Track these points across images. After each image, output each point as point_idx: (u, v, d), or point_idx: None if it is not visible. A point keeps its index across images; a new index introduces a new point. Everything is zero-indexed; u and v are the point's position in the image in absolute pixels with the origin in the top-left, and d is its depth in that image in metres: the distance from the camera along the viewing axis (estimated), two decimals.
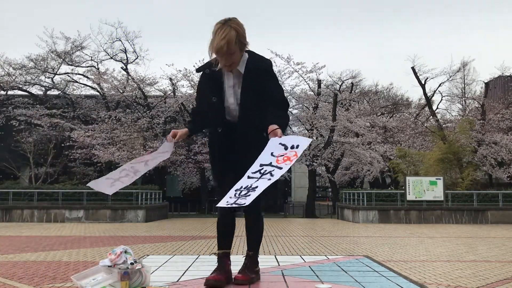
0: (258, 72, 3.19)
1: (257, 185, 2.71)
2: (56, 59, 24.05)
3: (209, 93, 3.27)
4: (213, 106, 3.25)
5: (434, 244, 8.51)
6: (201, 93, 3.40)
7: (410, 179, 17.94)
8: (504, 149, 22.42)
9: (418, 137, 26.72)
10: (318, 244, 8.14)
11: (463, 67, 28.18)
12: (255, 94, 3.17)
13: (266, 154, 2.85)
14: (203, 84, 3.35)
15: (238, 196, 2.72)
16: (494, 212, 17.16)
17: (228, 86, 3.24)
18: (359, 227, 14.07)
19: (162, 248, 7.39)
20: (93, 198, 18.00)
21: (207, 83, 3.29)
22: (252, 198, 2.68)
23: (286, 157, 2.80)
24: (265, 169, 2.79)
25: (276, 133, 2.96)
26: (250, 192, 2.70)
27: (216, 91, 3.24)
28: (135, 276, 2.85)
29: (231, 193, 2.74)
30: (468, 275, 4.65)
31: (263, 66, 3.24)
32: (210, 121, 3.32)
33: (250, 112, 3.18)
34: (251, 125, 3.18)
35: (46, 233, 10.91)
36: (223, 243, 3.36)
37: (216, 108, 3.24)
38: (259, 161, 2.85)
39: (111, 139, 21.65)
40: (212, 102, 3.24)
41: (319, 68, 22.49)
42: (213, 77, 3.25)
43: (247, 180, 2.78)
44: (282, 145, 2.86)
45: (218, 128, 3.26)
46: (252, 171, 2.81)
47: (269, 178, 2.75)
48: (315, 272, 4.14)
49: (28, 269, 4.89)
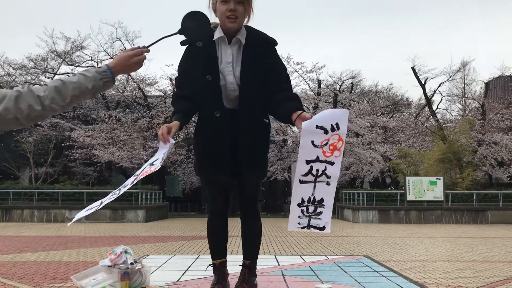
0: (261, 47, 2.74)
1: (321, 197, 2.45)
2: (56, 59, 24.05)
3: (201, 71, 2.72)
4: (208, 87, 2.72)
5: (434, 244, 8.50)
6: (188, 73, 2.78)
7: (410, 179, 17.94)
8: (504, 149, 22.43)
9: (418, 137, 26.73)
10: (318, 244, 8.14)
11: (463, 67, 28.20)
12: (258, 71, 2.71)
13: (307, 146, 2.41)
14: (192, 60, 2.74)
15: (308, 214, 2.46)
16: (494, 212, 17.16)
17: (226, 62, 2.73)
18: (359, 227, 14.07)
19: (162, 248, 7.39)
20: (93, 198, 18.00)
21: (198, 59, 2.71)
22: (328, 217, 2.45)
23: (331, 145, 2.40)
24: (316, 168, 2.42)
25: (305, 116, 2.48)
26: (319, 208, 2.44)
27: (211, 69, 2.71)
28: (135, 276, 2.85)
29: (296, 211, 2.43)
30: (468, 275, 4.64)
31: (267, 40, 2.79)
32: (203, 105, 2.78)
33: (253, 93, 2.73)
34: (253, 108, 2.75)
35: (46, 233, 10.91)
36: (219, 251, 2.97)
37: (212, 88, 2.72)
38: (303, 157, 2.43)
39: (111, 139, 21.65)
40: (206, 81, 2.71)
41: (319, 68, 22.52)
42: (206, 51, 2.70)
43: (301, 186, 2.45)
44: (320, 128, 2.40)
45: (216, 113, 2.72)
46: (302, 173, 2.44)
47: (327, 183, 2.44)
48: (315, 272, 4.13)
49: (28, 269, 4.89)
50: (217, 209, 2.95)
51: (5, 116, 1.71)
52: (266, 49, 2.76)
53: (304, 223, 2.53)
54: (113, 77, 1.93)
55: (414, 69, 24.34)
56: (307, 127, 2.40)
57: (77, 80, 1.83)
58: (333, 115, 2.46)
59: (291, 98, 2.68)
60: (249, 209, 2.97)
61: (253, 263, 2.97)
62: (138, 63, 2.02)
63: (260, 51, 2.73)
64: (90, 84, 1.85)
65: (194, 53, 2.72)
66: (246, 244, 2.99)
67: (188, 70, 2.77)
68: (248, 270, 2.94)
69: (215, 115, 2.72)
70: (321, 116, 2.45)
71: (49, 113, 1.80)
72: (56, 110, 1.80)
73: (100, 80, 1.88)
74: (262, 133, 2.83)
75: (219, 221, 2.97)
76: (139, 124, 21.90)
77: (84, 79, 1.84)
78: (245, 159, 2.74)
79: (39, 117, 1.78)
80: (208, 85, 2.71)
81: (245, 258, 2.98)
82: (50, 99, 1.76)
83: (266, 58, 2.74)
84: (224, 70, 2.73)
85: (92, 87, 1.85)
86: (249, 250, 2.98)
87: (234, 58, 2.73)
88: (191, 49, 2.74)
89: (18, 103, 1.72)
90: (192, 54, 2.74)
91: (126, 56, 1.99)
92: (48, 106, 1.76)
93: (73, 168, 23.94)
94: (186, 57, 2.80)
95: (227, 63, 2.73)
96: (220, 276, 2.92)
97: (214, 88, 2.72)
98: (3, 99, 1.72)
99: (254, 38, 2.73)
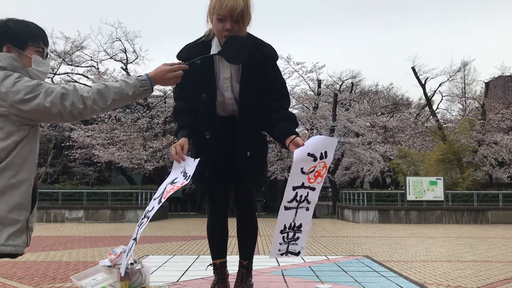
0: (261, 60, 2.65)
1: (300, 223, 2.54)
2: (56, 59, 24.03)
3: (197, 88, 2.66)
4: (202, 105, 2.67)
5: (434, 244, 8.50)
6: (185, 87, 2.68)
7: (410, 179, 17.94)
8: (505, 149, 22.44)
9: (418, 137, 26.73)
10: (318, 244, 8.13)
11: (463, 67, 28.20)
12: (257, 85, 2.65)
13: (297, 173, 2.44)
14: (188, 76, 2.53)
15: (288, 240, 2.54)
16: (494, 212, 17.16)
17: (224, 78, 2.67)
18: (359, 227, 14.06)
19: (162, 248, 7.38)
20: (93, 198, 18.02)
21: (194, 75, 2.61)
22: (303, 241, 2.53)
23: (317, 172, 2.46)
24: (300, 194, 2.49)
25: (298, 142, 2.45)
26: (297, 233, 2.54)
27: (207, 85, 2.65)
28: (135, 276, 2.84)
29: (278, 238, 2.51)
30: (468, 275, 4.64)
31: (267, 53, 2.70)
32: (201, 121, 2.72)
33: (252, 108, 2.67)
34: (251, 122, 2.69)
35: (46, 233, 10.91)
36: (219, 251, 2.95)
37: (205, 106, 2.67)
38: (291, 184, 2.47)
39: (111, 139, 21.65)
40: (201, 99, 2.66)
41: (319, 68, 22.51)
42: (203, 66, 2.62)
43: (285, 213, 2.50)
44: (311, 156, 2.43)
45: (206, 134, 2.68)
46: (288, 199, 2.49)
47: (307, 208, 2.52)
48: (315, 272, 4.13)
49: (28, 269, 4.89)
50: (217, 210, 2.93)
51: (51, 110, 1.85)
52: (265, 63, 2.69)
53: (283, 250, 2.60)
54: (152, 86, 2.06)
55: (414, 69, 24.34)
56: (300, 155, 2.41)
57: (119, 86, 1.97)
58: (324, 143, 2.48)
59: (286, 119, 2.63)
60: (245, 210, 2.94)
61: (250, 262, 2.96)
62: (174, 78, 2.16)
63: (259, 65, 2.65)
64: (130, 91, 1.98)
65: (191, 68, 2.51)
66: (243, 244, 2.97)
67: (184, 84, 2.60)
68: (246, 270, 2.92)
69: (205, 136, 2.68)
70: (313, 143, 2.46)
71: (90, 112, 1.92)
72: (97, 111, 1.93)
73: (140, 88, 2.01)
74: (260, 145, 2.80)
75: (219, 221, 2.94)
76: (139, 124, 21.90)
77: (126, 85, 1.98)
78: (243, 171, 2.70)
79: (81, 115, 1.91)
80: (202, 104, 2.67)
81: (242, 258, 2.96)
82: (92, 100, 1.90)
83: (265, 73, 2.68)
84: (222, 85, 2.68)
85: (132, 93, 1.99)
86: (246, 250, 2.96)
87: (232, 74, 2.67)
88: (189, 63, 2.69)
89: (63, 99, 1.86)
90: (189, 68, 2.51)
91: (164, 69, 2.12)
92: (90, 106, 1.90)
93: (73, 168, 23.95)
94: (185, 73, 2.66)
95: (224, 79, 2.67)
96: (220, 276, 2.90)
97: (208, 107, 2.67)
98: (51, 93, 1.85)
99: (253, 51, 2.60)
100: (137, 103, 23.41)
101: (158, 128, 22.01)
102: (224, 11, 2.44)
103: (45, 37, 2.06)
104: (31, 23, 2.05)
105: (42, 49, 2.03)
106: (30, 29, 2.01)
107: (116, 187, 20.26)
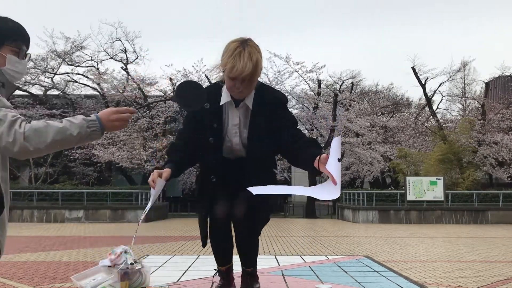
0: (270, 102, 2.72)
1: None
2: (56, 59, 24.04)
3: (204, 132, 2.71)
4: (209, 148, 2.72)
5: (434, 244, 8.50)
6: (190, 130, 2.76)
7: (410, 179, 17.94)
8: (505, 149, 22.44)
9: (418, 137, 26.74)
10: (318, 244, 8.14)
11: (463, 67, 28.21)
12: (266, 127, 2.69)
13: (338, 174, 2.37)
14: (196, 121, 2.73)
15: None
16: (494, 212, 17.16)
17: (232, 125, 2.73)
18: (359, 227, 14.06)
19: (162, 248, 7.38)
20: (93, 198, 18.02)
21: (203, 120, 2.71)
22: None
23: None
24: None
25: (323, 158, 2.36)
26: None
27: (214, 130, 2.70)
28: (135, 276, 2.84)
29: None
30: (468, 275, 4.64)
31: (276, 96, 2.78)
32: (202, 165, 2.82)
33: (260, 153, 2.72)
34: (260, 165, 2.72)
35: (46, 233, 10.91)
36: (224, 260, 2.88)
37: (212, 150, 2.72)
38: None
39: (111, 139, 21.65)
40: (208, 143, 2.71)
41: (319, 68, 22.50)
42: (212, 113, 2.70)
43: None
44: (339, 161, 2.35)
45: (212, 177, 2.73)
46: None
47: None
48: (315, 272, 4.13)
49: (28, 269, 4.89)
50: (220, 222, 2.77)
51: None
52: (275, 107, 2.72)
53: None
54: (102, 127, 1.85)
55: (414, 69, 24.34)
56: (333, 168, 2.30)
57: (62, 125, 1.77)
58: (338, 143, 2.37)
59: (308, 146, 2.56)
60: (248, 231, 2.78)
61: (254, 269, 2.91)
62: (120, 121, 1.90)
63: (269, 111, 2.70)
64: (75, 131, 1.78)
65: (200, 113, 2.70)
66: (245, 254, 2.87)
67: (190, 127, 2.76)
68: (250, 277, 2.88)
69: (211, 179, 2.73)
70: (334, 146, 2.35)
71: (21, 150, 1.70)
72: (30, 151, 1.71)
73: (87, 128, 1.80)
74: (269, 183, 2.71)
75: (221, 230, 2.80)
76: (139, 124, 21.90)
77: (70, 125, 1.78)
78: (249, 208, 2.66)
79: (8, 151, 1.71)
80: (209, 147, 2.71)
81: (246, 266, 2.88)
82: (25, 137, 1.69)
83: (275, 116, 2.70)
84: (230, 131, 2.73)
85: (77, 134, 1.78)
86: (250, 259, 2.89)
87: (241, 121, 2.73)
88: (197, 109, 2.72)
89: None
90: (198, 113, 2.71)
91: (110, 111, 1.91)
92: (21, 143, 1.69)
93: (73, 168, 23.95)
94: (194, 115, 2.76)
95: (233, 125, 2.73)
96: (226, 280, 2.89)
97: (214, 151, 2.72)
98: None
99: (262, 98, 2.69)
100: (137, 103, 23.42)
101: (158, 128, 22.01)
102: (234, 74, 2.52)
103: (25, 36, 1.94)
104: (10, 20, 1.92)
105: (19, 48, 1.90)
106: (8, 27, 1.89)
107: (116, 187, 20.26)
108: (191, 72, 21.83)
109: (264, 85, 2.81)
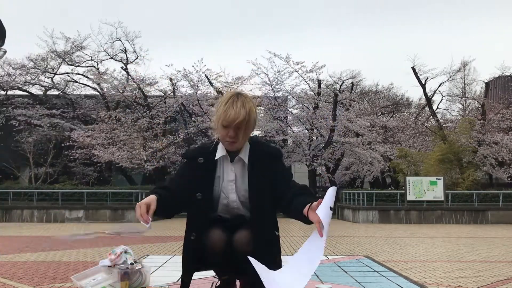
0: (265, 155, 2.71)
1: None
2: (56, 59, 24.06)
3: (192, 186, 2.64)
4: (196, 203, 2.64)
5: (434, 244, 8.50)
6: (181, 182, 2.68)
7: (410, 179, 17.94)
8: (505, 149, 22.44)
9: (418, 137, 26.74)
10: None
11: (463, 67, 28.22)
12: (263, 186, 2.64)
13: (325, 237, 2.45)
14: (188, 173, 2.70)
15: None
16: (495, 212, 17.16)
17: (228, 181, 2.69)
18: (359, 227, 14.06)
19: (162, 248, 7.38)
20: (93, 198, 18.02)
21: (193, 173, 2.66)
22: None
23: None
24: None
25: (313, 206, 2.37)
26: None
27: (204, 185, 2.66)
28: (135, 276, 2.84)
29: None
30: (468, 275, 4.64)
31: (270, 150, 2.77)
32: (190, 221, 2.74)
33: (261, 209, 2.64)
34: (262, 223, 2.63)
35: (46, 233, 10.91)
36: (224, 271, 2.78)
37: (196, 205, 2.64)
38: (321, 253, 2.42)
39: (111, 139, 21.64)
40: (194, 198, 2.63)
41: (319, 67, 22.47)
42: (207, 168, 2.67)
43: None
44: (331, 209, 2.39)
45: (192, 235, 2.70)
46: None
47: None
48: (315, 272, 4.13)
49: (28, 269, 4.89)
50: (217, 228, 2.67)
51: None
52: (271, 163, 2.70)
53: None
54: None
55: (414, 69, 24.34)
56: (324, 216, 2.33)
57: None
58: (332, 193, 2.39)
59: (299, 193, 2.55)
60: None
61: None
62: None
63: (265, 166, 2.67)
64: None
65: (192, 166, 2.70)
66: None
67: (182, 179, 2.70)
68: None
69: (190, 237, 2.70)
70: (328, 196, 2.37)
71: None
72: None
73: None
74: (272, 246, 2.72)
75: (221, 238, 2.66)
76: (139, 124, 21.89)
77: None
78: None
79: None
80: (194, 202, 2.64)
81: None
82: None
83: (271, 172, 2.68)
84: (226, 188, 2.69)
85: None
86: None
87: (236, 176, 2.69)
88: (192, 163, 2.71)
89: None
90: (190, 166, 2.71)
91: None
92: None
93: (73, 168, 23.94)
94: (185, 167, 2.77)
95: (229, 181, 2.69)
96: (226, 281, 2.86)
97: (199, 206, 2.64)
98: None
99: (257, 153, 2.69)
100: (137, 103, 23.43)
101: (158, 128, 22.01)
102: (227, 121, 2.53)
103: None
104: None
105: None
106: None
107: (116, 187, 20.25)
108: (191, 72, 21.83)
109: (259, 141, 2.83)
